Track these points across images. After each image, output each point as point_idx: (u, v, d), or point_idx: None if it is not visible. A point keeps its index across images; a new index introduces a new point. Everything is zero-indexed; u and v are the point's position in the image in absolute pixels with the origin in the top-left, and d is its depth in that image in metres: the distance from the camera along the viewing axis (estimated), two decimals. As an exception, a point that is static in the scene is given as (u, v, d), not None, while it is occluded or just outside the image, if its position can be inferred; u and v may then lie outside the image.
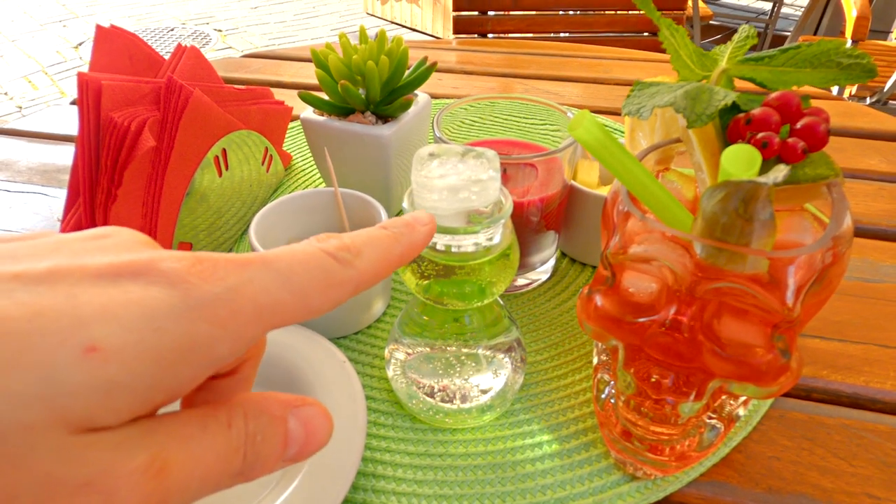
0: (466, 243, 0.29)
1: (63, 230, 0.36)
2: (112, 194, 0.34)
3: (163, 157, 0.38)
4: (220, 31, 3.29)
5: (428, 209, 0.28)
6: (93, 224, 0.35)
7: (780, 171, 0.22)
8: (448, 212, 0.28)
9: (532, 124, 0.46)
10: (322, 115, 0.48)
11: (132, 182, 0.36)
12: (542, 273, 0.46)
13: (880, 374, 0.39)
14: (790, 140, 0.28)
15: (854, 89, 1.65)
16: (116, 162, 0.34)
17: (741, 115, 0.29)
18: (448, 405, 0.35)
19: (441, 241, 0.29)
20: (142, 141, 0.34)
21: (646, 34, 1.45)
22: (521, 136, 0.47)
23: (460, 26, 1.39)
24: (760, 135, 0.27)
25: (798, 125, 0.29)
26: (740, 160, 0.24)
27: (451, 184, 0.28)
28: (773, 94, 0.30)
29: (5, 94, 2.59)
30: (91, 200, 0.35)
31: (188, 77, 0.43)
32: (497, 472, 0.33)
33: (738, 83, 0.34)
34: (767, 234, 0.26)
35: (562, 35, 1.49)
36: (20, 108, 2.48)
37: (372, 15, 3.56)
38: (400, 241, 0.23)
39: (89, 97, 0.33)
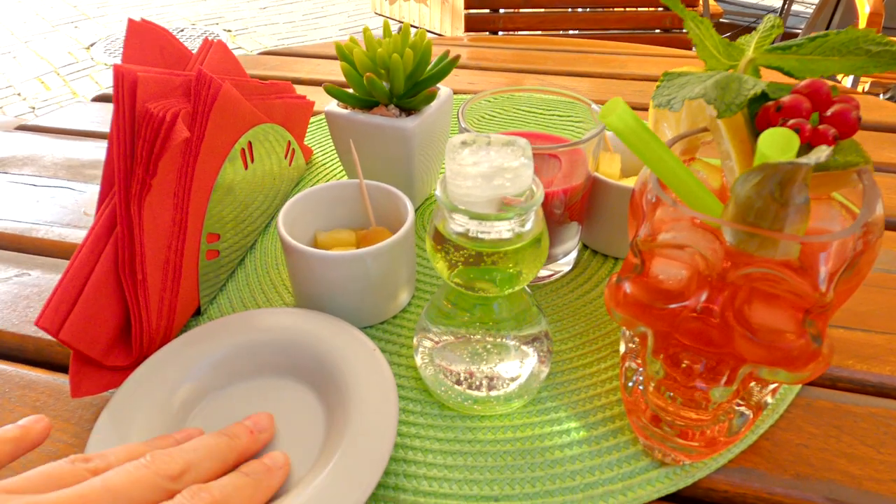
0: (500, 229, 0.29)
1: (97, 221, 0.36)
2: (147, 184, 0.34)
3: (193, 148, 0.39)
4: (229, 31, 3.30)
5: (461, 196, 0.29)
6: (127, 215, 0.35)
7: (822, 152, 0.22)
8: (481, 199, 0.29)
9: (556, 116, 0.46)
10: (346, 109, 0.48)
11: (165, 173, 0.36)
12: (564, 265, 0.47)
13: (906, 364, 0.39)
14: (821, 127, 0.28)
15: (867, 86, 1.64)
16: (152, 152, 0.34)
17: (770, 103, 0.30)
18: (476, 392, 0.35)
19: (474, 227, 0.30)
20: (176, 131, 0.34)
21: (657, 31, 1.44)
22: (543, 129, 0.48)
23: (471, 24, 1.40)
24: (791, 122, 0.28)
25: (828, 112, 0.29)
26: (778, 143, 0.24)
27: (484, 171, 0.28)
28: (803, 82, 0.30)
29: (18, 94, 2.62)
30: (126, 191, 0.35)
31: (216, 70, 0.44)
32: (526, 458, 0.33)
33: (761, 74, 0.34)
34: (801, 220, 0.26)
35: (571, 33, 1.49)
36: (33, 108, 2.51)
37: (380, 14, 3.57)
38: (260, 486, 0.28)
39: (125, 88, 0.34)
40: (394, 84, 0.46)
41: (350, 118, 0.47)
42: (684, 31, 1.43)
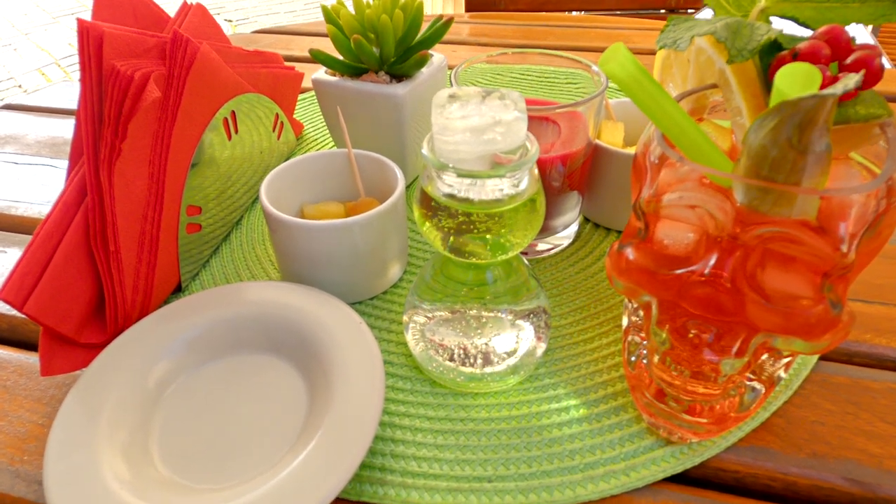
0: (491, 189, 0.27)
1: (65, 189, 0.34)
2: (116, 148, 0.32)
3: (169, 114, 0.36)
4: (230, 21, 3.28)
5: (449, 152, 0.27)
6: (97, 181, 0.33)
7: (850, 79, 0.20)
8: (471, 155, 0.27)
9: (555, 82, 0.44)
10: (334, 76, 0.46)
11: (137, 138, 0.34)
12: (564, 238, 0.44)
13: (928, 338, 0.36)
14: (841, 75, 0.26)
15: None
16: (120, 114, 0.32)
17: (786, 51, 0.27)
18: (470, 369, 0.33)
19: (463, 187, 0.27)
20: (147, 92, 0.32)
21: (662, 11, 1.41)
22: (543, 97, 0.45)
23: (472, 5, 1.37)
24: (810, 67, 0.25)
25: (849, 60, 0.26)
26: (798, 79, 0.22)
27: (473, 125, 0.26)
28: (821, 29, 0.27)
29: (19, 86, 2.60)
30: (95, 156, 0.33)
31: (195, 34, 0.42)
32: (522, 437, 0.31)
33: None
34: (821, 171, 0.24)
35: (574, 14, 1.45)
36: (33, 99, 2.49)
37: (382, 2, 3.53)
38: None
39: (90, 46, 0.32)
40: (383, 48, 0.43)
41: (338, 85, 0.45)
42: (690, 11, 1.39)
